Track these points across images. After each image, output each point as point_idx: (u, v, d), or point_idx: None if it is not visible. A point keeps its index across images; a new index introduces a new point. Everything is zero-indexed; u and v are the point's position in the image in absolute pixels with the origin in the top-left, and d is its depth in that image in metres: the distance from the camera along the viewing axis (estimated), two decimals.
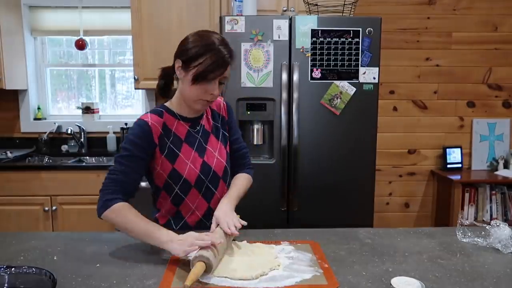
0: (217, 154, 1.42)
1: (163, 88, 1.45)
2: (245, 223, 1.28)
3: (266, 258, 1.15)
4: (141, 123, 1.32)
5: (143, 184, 2.64)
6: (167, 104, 1.41)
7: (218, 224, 1.26)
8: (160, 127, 1.34)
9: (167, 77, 1.43)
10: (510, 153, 3.26)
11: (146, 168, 1.36)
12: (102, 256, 1.18)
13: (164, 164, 1.35)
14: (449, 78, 3.24)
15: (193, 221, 1.42)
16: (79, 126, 3.17)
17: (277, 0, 2.76)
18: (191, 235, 1.15)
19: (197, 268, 1.01)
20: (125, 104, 3.41)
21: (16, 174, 2.63)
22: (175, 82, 1.44)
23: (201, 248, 1.08)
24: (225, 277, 1.04)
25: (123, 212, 1.24)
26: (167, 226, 1.32)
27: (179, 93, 1.38)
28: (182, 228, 1.39)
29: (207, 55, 1.26)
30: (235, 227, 1.22)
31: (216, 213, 1.30)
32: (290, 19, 2.33)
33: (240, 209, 1.48)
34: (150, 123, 1.32)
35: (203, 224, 1.41)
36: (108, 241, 1.30)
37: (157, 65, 2.84)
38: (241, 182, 1.48)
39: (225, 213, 1.28)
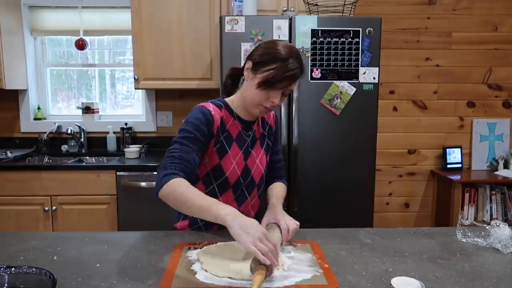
0: (258, 161, 1.44)
1: (228, 87, 1.46)
2: (298, 223, 1.30)
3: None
4: (205, 111, 1.31)
5: (143, 184, 2.64)
6: (227, 100, 1.41)
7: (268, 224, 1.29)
8: (219, 120, 1.34)
9: (234, 77, 1.44)
10: (510, 153, 3.26)
11: (203, 153, 1.32)
12: (102, 256, 1.18)
13: (212, 157, 1.35)
14: (449, 78, 3.25)
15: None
16: (79, 126, 3.17)
17: (277, 0, 2.76)
18: (256, 226, 1.04)
19: (261, 276, 0.95)
20: (125, 104, 3.41)
21: (16, 174, 2.63)
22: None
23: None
24: (228, 277, 1.03)
25: (183, 185, 1.17)
26: (194, 219, 1.40)
27: (241, 94, 1.38)
28: (207, 226, 1.40)
29: (280, 63, 1.26)
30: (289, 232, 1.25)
31: (271, 216, 1.33)
32: (290, 19, 2.33)
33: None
34: (212, 113, 1.31)
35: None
36: (108, 241, 1.30)
37: (157, 65, 2.89)
38: (282, 189, 1.52)
39: (283, 215, 1.32)
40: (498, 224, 1.26)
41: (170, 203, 1.19)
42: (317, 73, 2.36)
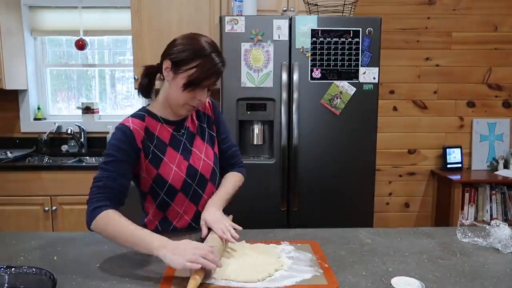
0: (203, 156, 1.38)
1: (146, 87, 1.40)
2: (239, 228, 1.22)
3: (269, 259, 1.14)
4: (122, 128, 1.26)
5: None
6: (148, 107, 1.37)
7: (210, 229, 1.21)
8: (142, 131, 1.29)
9: (150, 76, 1.41)
10: (510, 153, 3.26)
11: (132, 173, 1.30)
12: (102, 256, 1.18)
13: (149, 169, 1.31)
14: (449, 78, 3.25)
15: (182, 225, 1.38)
16: (79, 126, 3.17)
17: (277, 0, 2.76)
18: (188, 245, 1.04)
19: (197, 280, 0.96)
20: (125, 104, 3.41)
21: (16, 174, 2.63)
22: (157, 82, 1.43)
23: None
24: (229, 279, 1.03)
25: (111, 218, 1.14)
26: (156, 231, 1.18)
27: (164, 95, 1.34)
28: (172, 231, 1.37)
29: (199, 61, 1.22)
30: (230, 233, 1.17)
31: (206, 217, 1.24)
32: (290, 19, 2.33)
33: (241, 209, 1.48)
34: (131, 128, 1.26)
35: (192, 227, 1.38)
36: (108, 241, 1.30)
37: None
38: (230, 181, 1.43)
39: (216, 218, 1.23)
40: (498, 224, 1.26)
41: (105, 237, 1.16)
42: (317, 73, 2.36)
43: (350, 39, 2.34)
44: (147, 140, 1.30)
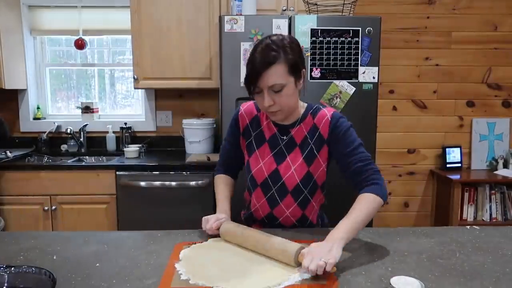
0: (293, 169, 1.35)
1: None
2: (333, 270, 1.02)
3: (283, 266, 1.10)
4: (237, 110, 1.46)
5: (142, 183, 2.63)
6: None
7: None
8: (249, 119, 1.42)
9: None
10: (510, 153, 3.26)
11: (241, 148, 1.47)
12: (102, 256, 1.18)
13: (246, 152, 1.46)
14: (449, 77, 3.25)
15: (258, 216, 1.46)
16: (82, 126, 3.17)
17: None
18: (211, 218, 1.31)
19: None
20: (124, 104, 3.41)
21: (16, 173, 2.63)
22: None
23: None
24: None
25: (217, 182, 1.51)
26: (248, 209, 1.50)
27: None
28: (250, 217, 1.49)
29: (248, 64, 1.25)
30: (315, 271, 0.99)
31: (312, 245, 1.08)
32: (290, 19, 2.33)
33: (241, 208, 1.48)
34: (240, 112, 1.44)
35: (264, 223, 1.45)
36: (108, 241, 1.30)
37: (156, 64, 2.89)
38: (361, 204, 1.20)
39: (319, 250, 1.04)
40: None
41: None
42: (316, 73, 2.36)
43: (349, 39, 2.34)
44: (249, 128, 1.43)
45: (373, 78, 2.37)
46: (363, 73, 2.36)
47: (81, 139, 3.16)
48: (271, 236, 1.19)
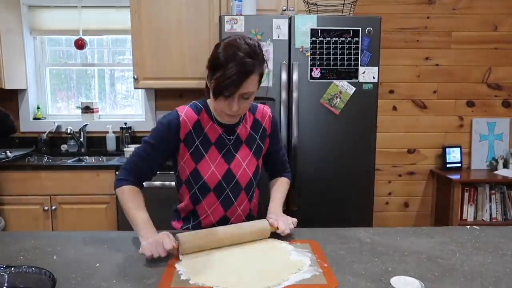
0: (245, 165, 1.38)
1: (208, 94, 1.35)
2: (295, 220, 1.36)
3: (280, 262, 1.12)
4: (172, 116, 1.33)
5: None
6: (210, 101, 1.35)
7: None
8: (191, 124, 1.33)
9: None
10: (510, 153, 3.26)
11: (166, 158, 1.38)
12: (102, 256, 1.18)
13: (188, 161, 1.35)
14: (449, 77, 3.25)
15: (207, 224, 1.40)
16: (82, 126, 3.17)
17: None
18: (162, 238, 1.15)
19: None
20: (124, 104, 3.41)
21: (16, 173, 2.63)
22: None
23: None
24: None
25: (125, 196, 1.31)
26: (187, 220, 1.43)
27: None
28: (196, 227, 1.40)
29: (220, 72, 1.18)
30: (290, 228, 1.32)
31: (273, 212, 1.39)
32: (290, 19, 2.33)
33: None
34: (181, 118, 1.32)
35: None
36: (108, 241, 1.30)
37: (156, 64, 2.88)
38: (282, 186, 1.53)
39: (282, 219, 1.33)
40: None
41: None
42: (316, 73, 2.36)
43: (349, 39, 2.34)
44: (193, 134, 1.34)
45: (373, 78, 2.37)
46: (363, 73, 2.36)
47: (81, 139, 3.16)
48: (235, 226, 1.30)
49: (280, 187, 1.52)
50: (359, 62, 2.35)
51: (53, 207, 2.64)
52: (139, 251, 1.15)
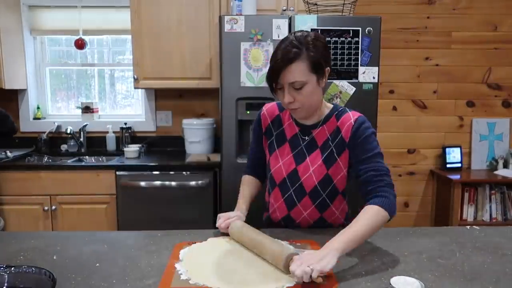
0: (311, 170, 1.34)
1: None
2: (320, 280, 0.99)
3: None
4: (260, 110, 1.47)
5: (142, 183, 2.63)
6: None
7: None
8: (271, 118, 1.43)
9: None
10: (510, 153, 3.26)
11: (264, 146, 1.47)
12: (102, 256, 1.18)
13: (267, 153, 1.46)
14: (449, 77, 3.25)
15: (275, 219, 1.45)
16: (82, 126, 3.17)
17: None
18: (224, 216, 1.34)
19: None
20: (124, 104, 3.41)
21: (16, 173, 2.63)
22: None
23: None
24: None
25: (241, 182, 1.52)
26: (267, 211, 1.51)
27: None
28: (268, 219, 1.49)
29: (272, 57, 1.24)
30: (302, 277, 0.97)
31: (307, 251, 1.08)
32: (290, 19, 2.33)
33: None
34: (262, 112, 1.45)
35: (280, 226, 1.44)
36: (108, 241, 1.30)
37: (156, 64, 2.89)
38: (364, 217, 1.14)
39: (309, 257, 1.00)
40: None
41: None
42: None
43: (349, 39, 2.34)
44: (271, 127, 1.43)
45: (373, 78, 2.37)
46: (363, 73, 2.36)
47: (81, 139, 3.16)
48: (268, 239, 1.16)
49: (359, 219, 1.14)
50: (359, 62, 2.35)
51: (53, 207, 2.64)
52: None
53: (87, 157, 3.09)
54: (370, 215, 1.15)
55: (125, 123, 3.17)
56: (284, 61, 1.20)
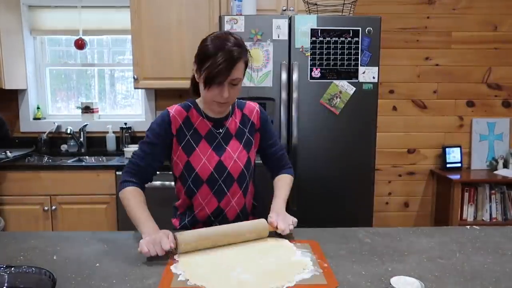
0: (235, 157, 1.43)
1: (194, 92, 1.49)
2: (295, 219, 1.36)
3: (284, 262, 1.12)
4: (163, 113, 1.42)
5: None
6: (198, 100, 1.46)
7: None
8: (181, 119, 1.41)
9: (194, 80, 1.45)
10: (510, 153, 3.26)
11: (164, 155, 1.43)
12: (102, 256, 1.18)
13: (181, 155, 1.41)
14: (449, 77, 3.25)
15: (202, 217, 1.45)
16: (82, 126, 3.17)
17: None
18: (161, 237, 1.17)
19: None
20: (124, 104, 3.41)
21: (16, 173, 2.63)
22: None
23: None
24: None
25: (128, 196, 1.35)
26: (184, 216, 1.47)
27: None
28: (192, 221, 1.45)
29: (214, 57, 1.27)
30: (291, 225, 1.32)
31: (272, 214, 1.37)
32: (290, 19, 2.33)
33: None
34: (171, 114, 1.41)
35: (211, 221, 1.44)
36: (108, 241, 1.30)
37: (157, 64, 2.88)
38: (285, 182, 1.53)
39: (282, 217, 1.35)
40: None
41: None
42: (316, 73, 2.36)
43: (349, 39, 2.34)
44: (183, 128, 1.41)
45: (373, 78, 2.37)
46: (363, 73, 2.36)
47: (81, 139, 3.16)
48: (232, 225, 1.29)
49: (282, 184, 1.53)
50: (359, 62, 2.35)
51: (53, 207, 2.64)
52: (138, 248, 1.15)
53: (87, 157, 3.09)
54: (288, 180, 1.56)
55: (125, 123, 3.17)
56: (234, 59, 1.28)
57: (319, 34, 2.33)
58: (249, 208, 1.54)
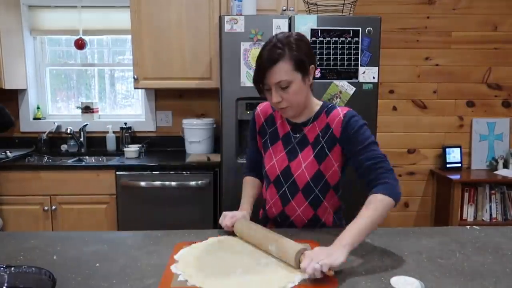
0: (303, 167, 1.36)
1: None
2: (331, 273, 1.01)
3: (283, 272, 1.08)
4: (255, 110, 1.51)
5: (142, 183, 2.63)
6: None
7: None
8: (264, 118, 1.47)
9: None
10: (510, 153, 3.26)
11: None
12: (102, 256, 1.18)
13: (262, 150, 1.50)
14: (449, 77, 3.25)
15: (271, 215, 1.48)
16: (82, 126, 3.17)
17: None
18: (229, 215, 1.35)
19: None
20: (124, 104, 3.41)
21: (16, 173, 2.63)
22: None
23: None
24: None
25: (243, 183, 1.55)
26: (264, 209, 1.53)
27: None
28: (265, 216, 1.52)
29: (257, 59, 1.28)
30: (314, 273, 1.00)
31: (317, 247, 1.09)
32: (290, 19, 2.33)
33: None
34: (256, 112, 1.50)
35: (277, 223, 1.46)
36: (108, 241, 1.30)
37: (157, 64, 2.89)
38: (368, 208, 1.17)
39: (319, 253, 1.02)
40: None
41: None
42: (316, 73, 2.35)
43: (349, 39, 2.34)
44: (265, 126, 1.47)
45: (373, 78, 2.37)
46: (363, 73, 2.36)
47: (81, 139, 3.16)
48: (277, 235, 1.20)
49: (364, 212, 1.16)
50: (359, 62, 2.35)
51: (53, 207, 2.64)
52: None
53: (87, 157, 3.09)
54: (374, 204, 1.17)
55: (125, 123, 3.17)
56: (268, 62, 1.24)
57: (319, 34, 2.33)
58: (329, 223, 1.43)
